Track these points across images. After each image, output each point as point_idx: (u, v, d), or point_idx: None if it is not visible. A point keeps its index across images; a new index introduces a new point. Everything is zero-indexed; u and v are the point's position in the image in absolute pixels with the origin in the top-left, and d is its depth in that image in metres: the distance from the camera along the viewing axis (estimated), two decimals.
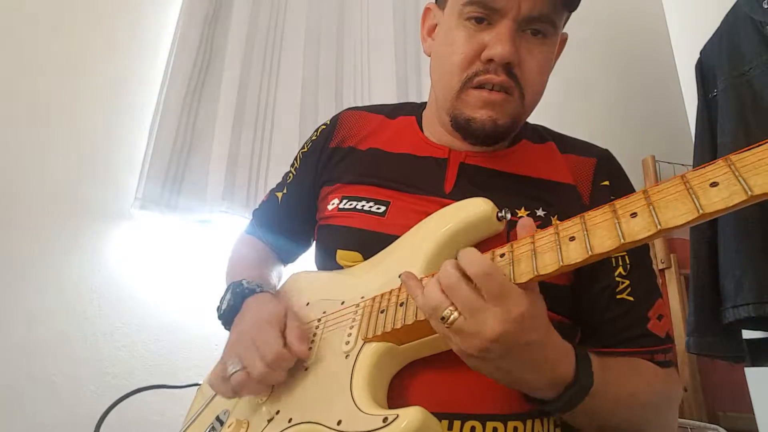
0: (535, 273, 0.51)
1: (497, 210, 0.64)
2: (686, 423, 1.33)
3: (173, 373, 1.42)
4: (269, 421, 0.65)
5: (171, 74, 1.59)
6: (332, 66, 1.84)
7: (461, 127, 0.77)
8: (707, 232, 1.49)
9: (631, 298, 0.71)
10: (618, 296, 0.71)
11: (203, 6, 1.68)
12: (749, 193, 0.39)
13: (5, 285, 1.35)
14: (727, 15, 1.59)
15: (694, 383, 1.75)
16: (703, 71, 1.66)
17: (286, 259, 1.02)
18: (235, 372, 0.65)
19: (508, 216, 0.64)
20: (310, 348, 0.70)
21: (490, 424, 0.61)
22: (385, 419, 0.51)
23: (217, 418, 0.75)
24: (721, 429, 1.28)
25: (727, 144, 1.47)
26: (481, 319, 0.51)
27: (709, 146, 1.56)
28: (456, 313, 0.52)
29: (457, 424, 0.60)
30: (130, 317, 1.43)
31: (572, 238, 0.50)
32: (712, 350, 1.44)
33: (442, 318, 0.52)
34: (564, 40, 0.83)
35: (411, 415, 0.50)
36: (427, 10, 0.89)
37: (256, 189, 1.62)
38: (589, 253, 0.48)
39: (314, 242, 0.92)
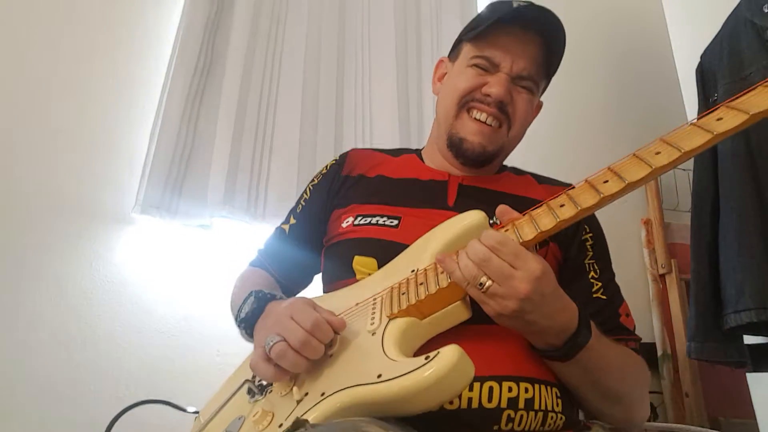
0: (538, 230, 0.65)
1: (489, 218, 0.75)
2: (687, 428, 1.33)
3: (173, 376, 1.42)
4: (298, 402, 0.66)
5: (172, 79, 1.59)
6: (333, 70, 1.84)
7: (454, 144, 0.95)
8: (708, 237, 1.49)
9: (604, 297, 0.88)
10: (594, 295, 0.88)
11: (204, 10, 1.68)
12: (682, 150, 0.58)
13: (6, 287, 1.35)
14: (727, 19, 1.60)
15: (695, 389, 1.75)
16: (704, 75, 1.66)
17: (290, 292, 1.06)
18: (275, 343, 0.67)
19: (499, 222, 0.75)
20: (333, 339, 0.72)
21: (505, 384, 0.70)
22: (427, 357, 0.57)
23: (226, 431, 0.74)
24: None
25: (726, 149, 1.47)
26: (512, 284, 0.63)
27: (709, 151, 1.56)
28: (490, 281, 0.64)
29: (476, 385, 0.69)
30: (130, 320, 1.43)
31: (562, 205, 0.66)
32: (714, 355, 1.43)
33: (480, 284, 0.64)
34: (539, 106, 1.05)
35: (451, 350, 0.57)
36: (440, 62, 1.09)
37: (256, 194, 1.62)
38: (578, 208, 0.63)
39: (323, 261, 0.99)
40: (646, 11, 2.52)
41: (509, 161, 1.08)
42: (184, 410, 0.99)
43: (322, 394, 0.63)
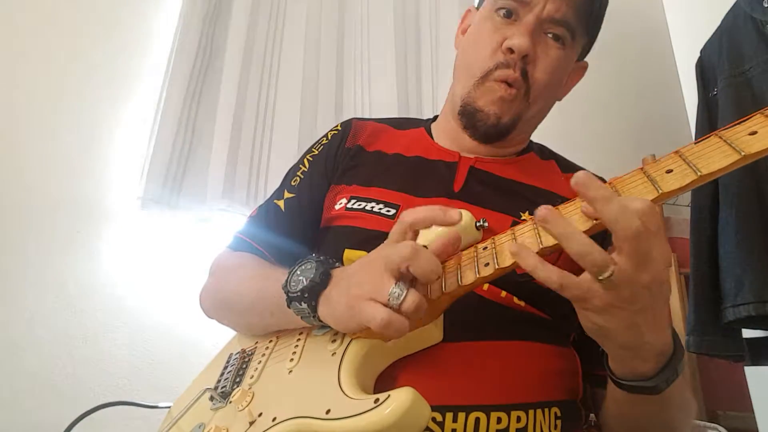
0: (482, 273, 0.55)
1: (476, 220, 0.65)
2: None
3: (173, 371, 1.42)
4: (251, 423, 0.62)
5: (171, 73, 1.59)
6: (332, 65, 1.84)
7: (467, 114, 0.82)
8: (707, 231, 1.49)
9: None
10: None
11: (203, 5, 1.68)
12: (698, 173, 0.46)
13: (5, 284, 1.35)
14: (727, 14, 1.59)
15: (693, 382, 1.75)
16: (703, 70, 1.66)
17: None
18: (406, 294, 0.54)
19: (486, 225, 0.66)
20: (294, 352, 0.68)
21: (494, 414, 0.61)
22: (376, 400, 0.51)
23: None
24: (721, 428, 1.28)
25: None
26: (644, 267, 0.47)
27: None
28: (616, 269, 0.47)
29: (461, 415, 0.60)
30: (131, 316, 1.43)
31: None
32: (712, 349, 1.43)
33: (601, 278, 0.47)
34: (584, 68, 0.91)
35: (403, 394, 0.50)
36: (468, 12, 0.94)
37: (256, 187, 1.62)
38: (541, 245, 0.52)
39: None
40: (646, 7, 2.52)
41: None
42: (148, 407, 0.97)
43: (274, 419, 0.59)
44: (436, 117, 0.97)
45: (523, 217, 0.76)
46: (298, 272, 0.64)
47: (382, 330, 0.53)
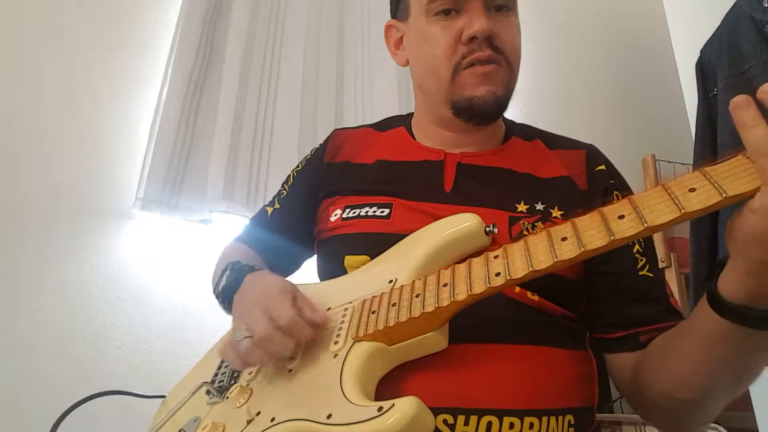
0: (530, 268, 0.53)
1: (485, 225, 0.65)
2: None
3: (173, 372, 1.42)
4: (249, 422, 0.62)
5: (171, 74, 1.59)
6: (332, 66, 1.84)
7: (464, 109, 0.79)
8: (707, 231, 1.49)
9: (651, 274, 0.73)
10: (640, 273, 0.73)
11: (203, 6, 1.68)
12: (724, 194, 0.43)
13: (6, 284, 1.35)
14: (727, 14, 1.60)
15: None
16: (703, 70, 1.66)
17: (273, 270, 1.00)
18: (244, 338, 0.63)
19: (495, 231, 0.65)
20: (297, 349, 0.67)
21: (507, 419, 0.60)
22: (380, 408, 0.50)
23: (182, 431, 0.71)
24: (721, 428, 1.28)
25: (727, 143, 1.47)
26: None
27: (709, 145, 1.56)
28: None
29: (473, 419, 0.59)
30: (131, 317, 1.43)
31: (564, 238, 0.53)
32: None
33: None
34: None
35: (407, 403, 0.49)
36: (388, 27, 0.95)
37: (256, 188, 1.62)
38: (582, 249, 0.51)
39: (316, 256, 0.91)
40: (646, 7, 2.52)
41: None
42: (140, 396, 0.98)
43: (272, 419, 0.59)
44: (412, 114, 0.96)
45: (519, 209, 0.75)
46: (222, 275, 0.79)
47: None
